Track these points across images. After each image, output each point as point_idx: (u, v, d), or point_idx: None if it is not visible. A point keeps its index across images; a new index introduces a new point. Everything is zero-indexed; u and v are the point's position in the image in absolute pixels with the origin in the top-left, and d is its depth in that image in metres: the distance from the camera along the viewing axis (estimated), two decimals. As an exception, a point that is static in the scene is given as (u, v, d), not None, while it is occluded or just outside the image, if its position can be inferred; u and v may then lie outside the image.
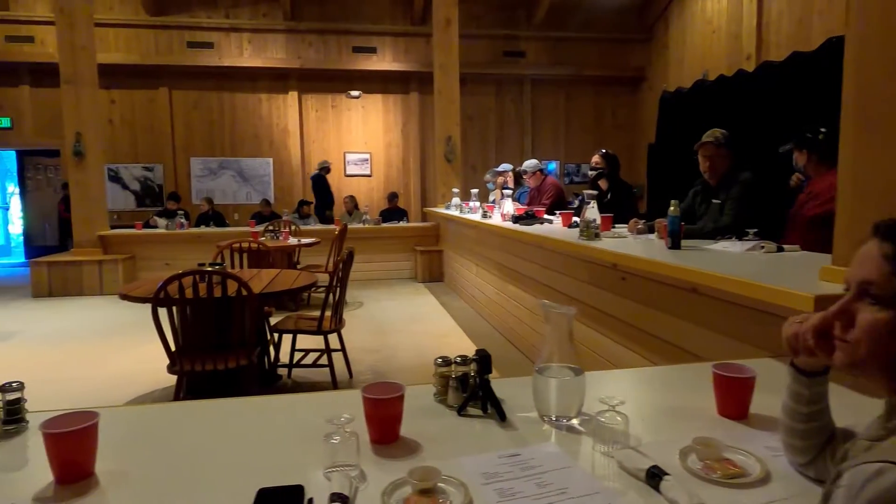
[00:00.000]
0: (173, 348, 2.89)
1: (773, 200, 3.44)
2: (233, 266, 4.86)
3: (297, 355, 3.83)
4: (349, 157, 11.02)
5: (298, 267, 6.19)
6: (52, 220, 10.46)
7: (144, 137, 10.30)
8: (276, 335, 3.76)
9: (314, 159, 10.92)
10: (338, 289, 3.63)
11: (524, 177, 5.72)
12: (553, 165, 11.56)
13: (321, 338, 3.63)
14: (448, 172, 7.95)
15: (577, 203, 6.12)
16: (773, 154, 3.68)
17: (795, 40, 7.10)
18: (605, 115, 11.73)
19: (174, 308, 2.93)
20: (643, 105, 11.46)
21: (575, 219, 4.01)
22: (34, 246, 10.43)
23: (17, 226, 11.20)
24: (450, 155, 7.84)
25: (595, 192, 3.17)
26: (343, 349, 3.84)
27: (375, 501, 0.96)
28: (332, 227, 8.00)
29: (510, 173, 6.43)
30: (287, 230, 6.43)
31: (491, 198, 7.01)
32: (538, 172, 5.65)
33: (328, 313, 3.62)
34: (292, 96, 10.63)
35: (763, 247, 2.51)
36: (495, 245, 5.04)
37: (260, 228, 6.81)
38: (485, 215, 5.09)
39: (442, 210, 7.24)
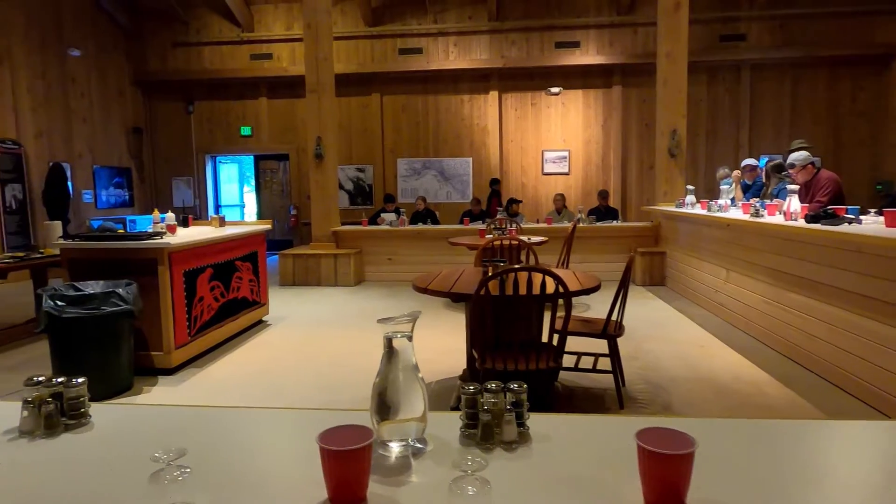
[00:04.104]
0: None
1: None
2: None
3: (569, 359, 3.68)
4: (547, 154, 10.86)
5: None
6: (280, 216, 11.69)
7: (358, 140, 11.09)
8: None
9: (512, 158, 10.93)
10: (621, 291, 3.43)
11: (791, 171, 5.04)
12: (764, 161, 10.32)
13: (583, 341, 3.47)
14: (671, 168, 7.39)
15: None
16: None
17: None
18: (841, 101, 10.24)
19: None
20: (894, 88, 9.80)
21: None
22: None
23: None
24: (675, 149, 7.27)
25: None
26: (618, 355, 3.62)
27: None
28: (542, 225, 7.87)
29: (761, 169, 5.74)
30: (513, 228, 6.39)
31: (731, 194, 6.38)
32: (809, 166, 4.95)
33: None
34: (493, 96, 10.74)
35: None
36: (767, 247, 4.48)
37: (483, 226, 6.88)
38: (757, 213, 4.55)
39: (672, 208, 6.72)
